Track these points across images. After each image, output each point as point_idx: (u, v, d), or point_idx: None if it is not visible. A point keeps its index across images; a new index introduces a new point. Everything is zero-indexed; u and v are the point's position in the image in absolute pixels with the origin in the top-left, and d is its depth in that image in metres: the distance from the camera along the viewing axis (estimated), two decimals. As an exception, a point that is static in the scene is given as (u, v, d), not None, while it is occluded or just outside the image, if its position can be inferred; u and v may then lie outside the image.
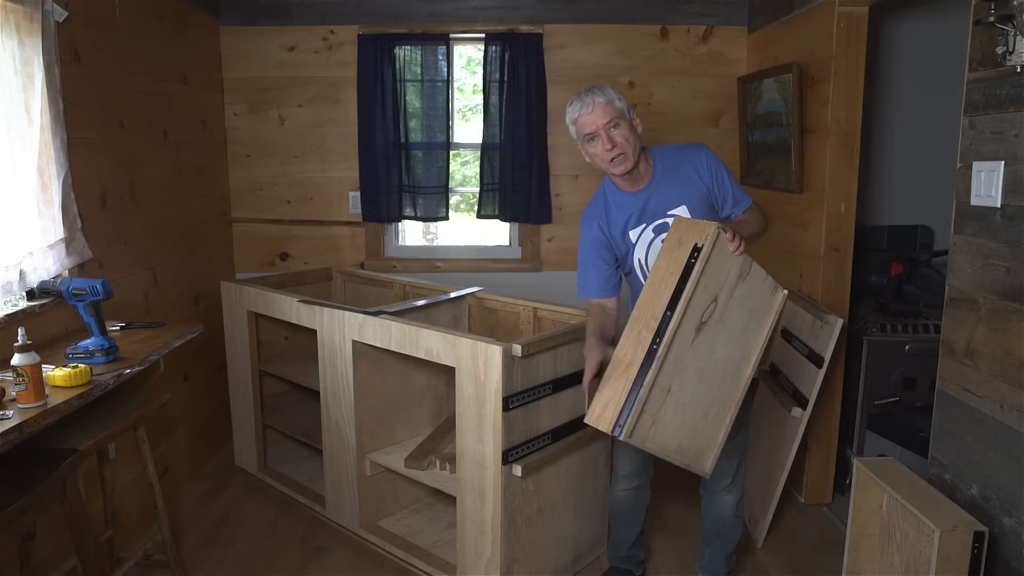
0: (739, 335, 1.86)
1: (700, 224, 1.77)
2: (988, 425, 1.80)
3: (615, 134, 2.01)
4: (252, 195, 3.85)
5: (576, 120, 2.04)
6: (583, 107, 2.01)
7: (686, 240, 1.75)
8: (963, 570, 1.69)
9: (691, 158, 2.13)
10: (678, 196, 2.12)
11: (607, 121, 2.00)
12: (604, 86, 2.05)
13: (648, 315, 1.75)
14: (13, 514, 1.59)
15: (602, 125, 2.00)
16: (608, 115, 2.00)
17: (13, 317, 2.10)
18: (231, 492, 3.20)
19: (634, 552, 2.52)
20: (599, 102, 2.00)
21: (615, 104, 2.02)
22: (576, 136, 2.08)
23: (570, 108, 2.05)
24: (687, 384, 1.78)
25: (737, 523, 2.36)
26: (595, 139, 2.02)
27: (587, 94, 2.03)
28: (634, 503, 2.43)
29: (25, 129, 2.15)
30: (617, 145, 2.01)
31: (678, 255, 1.74)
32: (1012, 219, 1.72)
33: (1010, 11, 1.69)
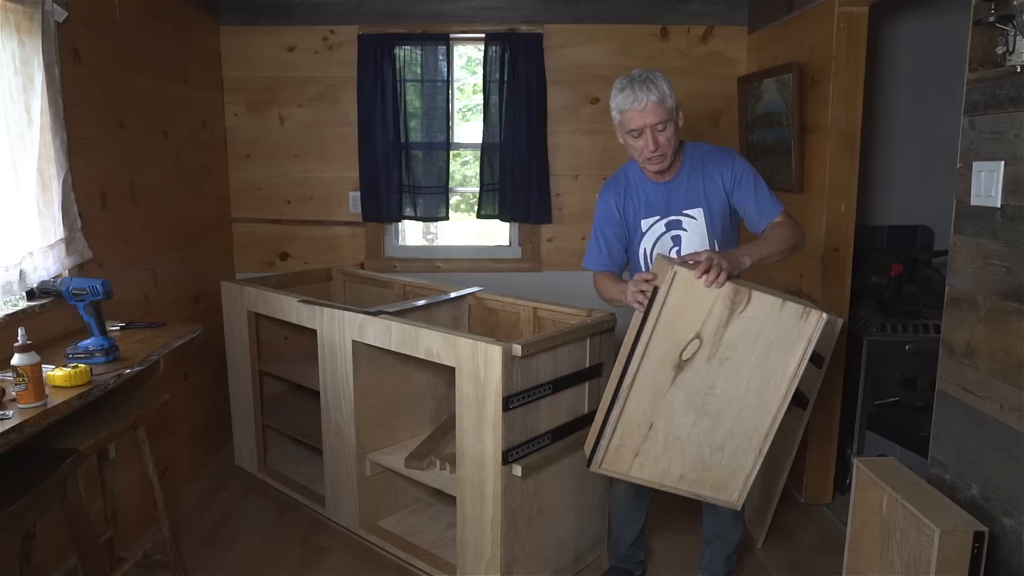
0: (758, 367, 1.78)
1: (664, 265, 1.75)
2: (988, 425, 1.80)
3: (660, 136, 1.98)
4: (252, 195, 3.85)
5: (624, 111, 1.99)
6: (635, 102, 1.96)
7: (659, 281, 1.75)
8: (963, 570, 1.69)
9: (719, 162, 2.11)
10: (697, 197, 2.11)
11: (656, 122, 1.96)
12: (657, 77, 1.97)
13: (624, 351, 1.79)
14: (13, 514, 1.58)
15: (650, 125, 1.96)
16: (658, 116, 1.96)
17: (13, 317, 2.11)
18: (231, 492, 3.20)
19: (634, 551, 2.52)
20: (652, 101, 1.95)
21: (666, 104, 1.97)
22: (616, 123, 2.05)
23: (620, 95, 1.99)
24: (678, 420, 1.81)
25: (737, 524, 2.36)
26: (639, 136, 1.99)
27: (641, 88, 1.95)
28: (635, 502, 2.43)
29: (25, 129, 2.15)
30: (660, 147, 1.99)
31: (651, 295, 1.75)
32: (1012, 219, 1.72)
33: (1010, 11, 1.69)
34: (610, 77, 3.69)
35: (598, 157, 3.80)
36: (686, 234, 2.14)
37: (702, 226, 2.13)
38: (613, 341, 2.58)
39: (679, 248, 2.15)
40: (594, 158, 3.80)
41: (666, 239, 2.15)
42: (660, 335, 1.73)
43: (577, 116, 3.77)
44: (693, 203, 2.12)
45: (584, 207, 3.83)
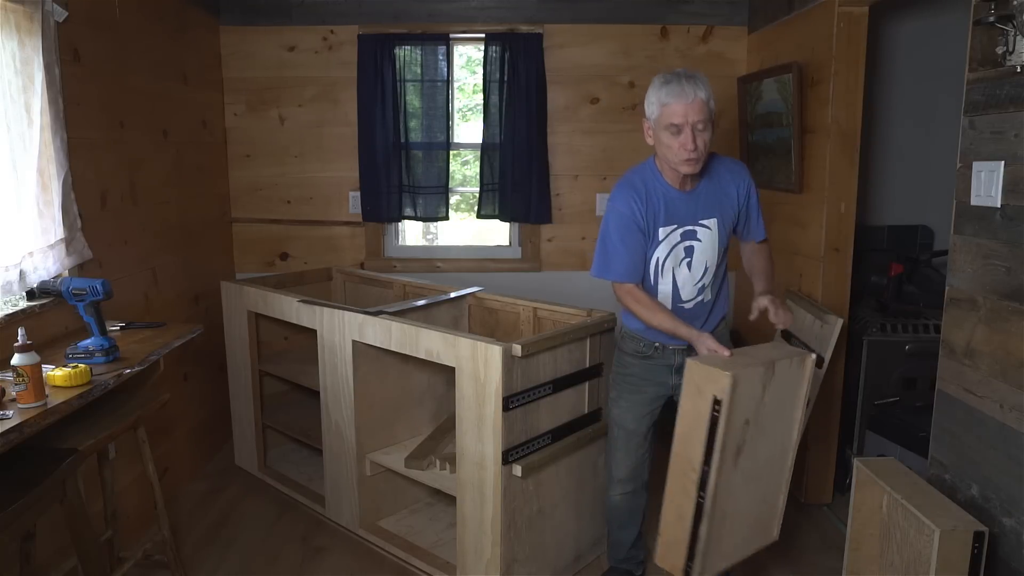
0: (780, 418, 1.88)
1: (714, 373, 1.72)
2: (988, 425, 1.80)
3: (700, 137, 1.93)
4: (252, 195, 3.85)
5: (667, 104, 1.92)
6: (682, 95, 1.90)
7: (704, 389, 1.72)
8: (963, 570, 1.69)
9: (735, 177, 2.13)
10: (713, 208, 2.10)
11: (699, 120, 1.92)
12: (701, 77, 1.94)
13: (687, 466, 1.77)
14: (13, 514, 1.58)
15: (693, 122, 1.91)
16: (703, 114, 1.92)
17: (13, 317, 2.10)
18: (231, 492, 3.20)
19: (634, 553, 2.51)
20: (700, 98, 1.90)
21: (710, 104, 1.93)
22: (654, 117, 1.97)
23: (664, 87, 1.93)
24: (739, 496, 1.84)
25: None
26: (679, 132, 1.92)
27: (688, 83, 1.90)
28: (630, 507, 2.42)
29: (25, 129, 2.15)
30: (698, 148, 1.93)
31: (700, 405, 1.72)
32: (1012, 219, 1.72)
33: (1010, 11, 1.69)
34: (610, 77, 3.75)
35: (598, 157, 3.80)
36: (699, 244, 2.12)
37: (715, 236, 2.11)
38: (613, 341, 2.58)
39: (690, 259, 2.12)
40: (594, 158, 3.80)
41: (679, 249, 2.11)
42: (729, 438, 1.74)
43: (577, 116, 3.77)
44: (710, 213, 2.09)
45: (584, 207, 3.84)
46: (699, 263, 2.12)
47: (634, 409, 2.28)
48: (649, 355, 2.23)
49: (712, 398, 1.70)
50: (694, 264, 2.12)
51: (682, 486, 1.79)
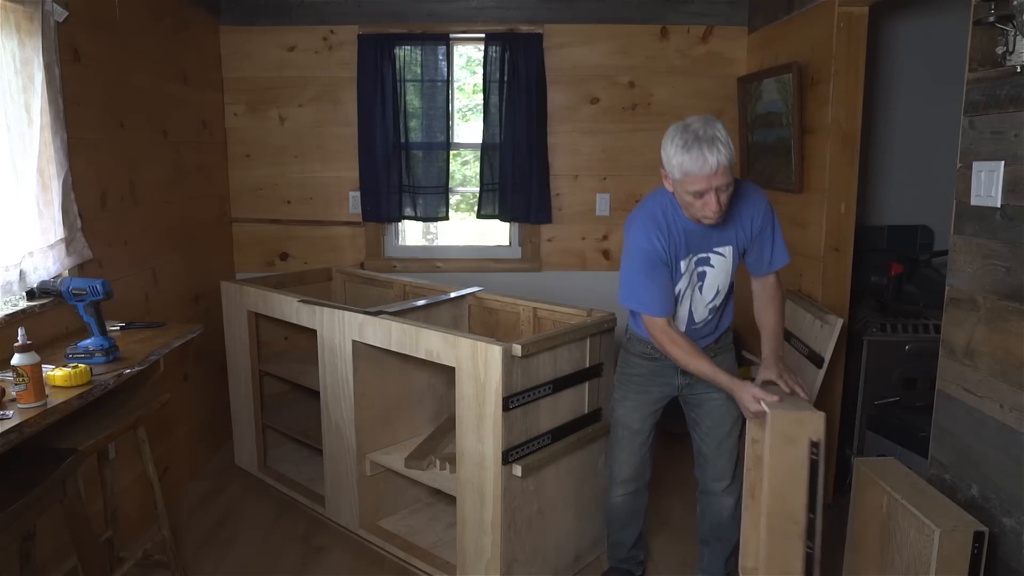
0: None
1: (805, 417, 1.70)
2: (988, 425, 1.80)
3: (724, 195, 1.89)
4: (252, 195, 3.85)
5: (688, 172, 1.85)
6: (704, 165, 1.82)
7: (796, 436, 1.71)
8: (963, 570, 1.69)
9: (751, 204, 2.06)
10: (729, 237, 2.07)
11: (723, 183, 1.86)
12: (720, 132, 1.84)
13: (788, 520, 1.74)
14: (13, 514, 1.58)
15: (716, 187, 1.86)
16: (725, 179, 1.86)
17: (13, 317, 2.10)
18: (231, 492, 3.20)
19: (634, 553, 2.52)
20: (723, 165, 1.83)
21: (731, 161, 1.86)
22: (673, 177, 1.92)
23: (684, 156, 1.84)
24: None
25: (734, 525, 2.35)
26: (701, 196, 1.88)
27: (709, 150, 1.81)
28: (632, 508, 2.42)
29: (25, 129, 2.15)
30: (722, 207, 1.90)
31: (793, 453, 1.71)
32: (1012, 219, 1.72)
33: (1010, 11, 1.69)
34: (610, 77, 3.75)
35: (598, 157, 3.80)
36: (712, 270, 2.11)
37: (728, 263, 2.10)
38: (613, 341, 2.58)
39: (702, 283, 2.11)
40: (594, 158, 3.81)
41: (693, 275, 2.11)
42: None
43: (577, 116, 3.77)
44: (725, 241, 2.07)
45: (584, 207, 3.84)
46: (711, 287, 2.13)
47: (640, 409, 2.29)
48: (656, 357, 2.22)
49: (808, 442, 1.69)
50: (705, 288, 2.12)
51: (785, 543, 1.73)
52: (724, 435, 2.24)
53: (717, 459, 2.27)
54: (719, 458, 2.26)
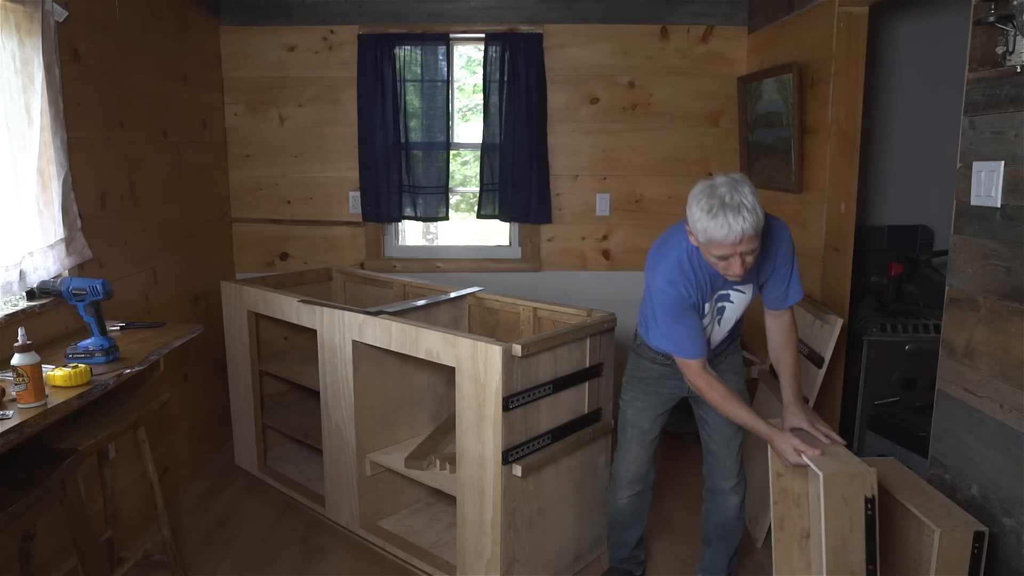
0: None
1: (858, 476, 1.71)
2: (988, 425, 1.80)
3: (749, 259, 1.84)
4: (252, 195, 3.84)
5: (712, 239, 1.80)
6: (729, 233, 1.76)
7: (850, 495, 1.72)
8: (963, 570, 1.69)
9: (776, 241, 2.00)
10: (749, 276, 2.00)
11: (749, 249, 1.82)
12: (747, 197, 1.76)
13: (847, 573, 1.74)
14: (13, 514, 1.58)
15: (741, 252, 1.82)
16: (751, 245, 1.81)
17: (13, 317, 2.10)
18: (231, 492, 3.20)
19: (635, 553, 2.52)
20: (748, 233, 1.77)
21: (760, 226, 1.79)
22: (698, 239, 1.86)
23: (709, 221, 1.78)
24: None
25: (739, 525, 2.36)
26: (726, 259, 1.84)
27: (735, 218, 1.75)
28: (636, 508, 2.42)
29: (25, 129, 2.15)
30: (746, 268, 1.85)
31: (848, 512, 1.71)
32: (1012, 219, 1.72)
33: (1010, 11, 1.70)
34: (610, 77, 3.75)
35: (598, 157, 3.80)
36: (731, 305, 2.10)
37: (747, 297, 2.10)
38: (613, 341, 2.58)
39: (721, 316, 2.11)
40: (594, 158, 3.81)
41: (714, 311, 2.11)
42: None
43: (577, 116, 3.77)
44: (747, 279, 2.04)
45: (584, 207, 3.84)
46: (729, 319, 2.14)
47: (651, 409, 2.30)
48: (668, 363, 2.22)
49: (864, 500, 1.70)
50: (724, 320, 2.13)
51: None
52: (732, 434, 2.25)
53: (726, 457, 2.27)
54: (728, 456, 2.26)
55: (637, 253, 3.88)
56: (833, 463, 1.76)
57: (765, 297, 2.11)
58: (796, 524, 1.98)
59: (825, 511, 1.72)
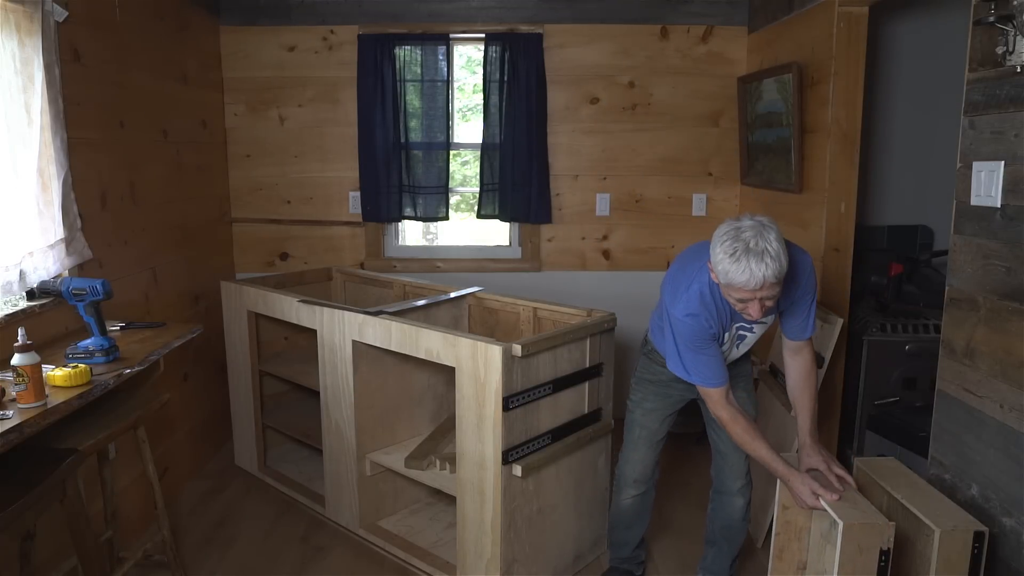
0: None
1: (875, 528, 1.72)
2: (988, 425, 1.80)
3: (769, 303, 1.84)
4: (252, 195, 3.85)
5: (732, 283, 1.79)
6: (750, 279, 1.75)
7: (867, 545, 1.72)
8: (963, 570, 1.69)
9: (799, 273, 1.97)
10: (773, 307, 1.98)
11: (769, 295, 1.82)
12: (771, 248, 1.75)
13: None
14: (13, 514, 1.58)
15: (761, 297, 1.81)
16: (771, 291, 1.81)
17: (13, 317, 2.10)
18: (231, 492, 3.20)
19: (636, 553, 2.52)
20: (769, 281, 1.76)
21: (782, 273, 1.78)
22: (719, 280, 1.85)
23: (732, 264, 1.76)
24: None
25: (744, 527, 2.36)
26: (745, 301, 1.84)
27: (757, 264, 1.73)
28: (639, 509, 2.43)
29: (25, 129, 2.15)
30: (763, 312, 1.85)
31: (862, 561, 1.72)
32: (1012, 219, 1.72)
33: (1010, 11, 1.69)
34: (610, 77, 3.75)
35: (598, 157, 3.81)
36: (751, 335, 2.13)
37: (767, 325, 2.12)
38: (613, 341, 2.58)
39: (740, 343, 2.14)
40: (594, 158, 3.81)
41: (734, 338, 2.12)
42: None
43: (577, 116, 3.77)
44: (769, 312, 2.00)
45: (584, 207, 3.84)
46: (747, 343, 2.17)
47: (660, 410, 2.31)
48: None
49: (878, 551, 1.71)
50: (743, 345, 2.17)
51: None
52: None
53: (735, 458, 2.27)
54: (737, 457, 2.27)
55: (637, 253, 3.88)
56: (852, 511, 1.78)
57: (783, 326, 2.09)
58: (795, 557, 2.01)
59: (840, 558, 1.74)
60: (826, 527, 1.87)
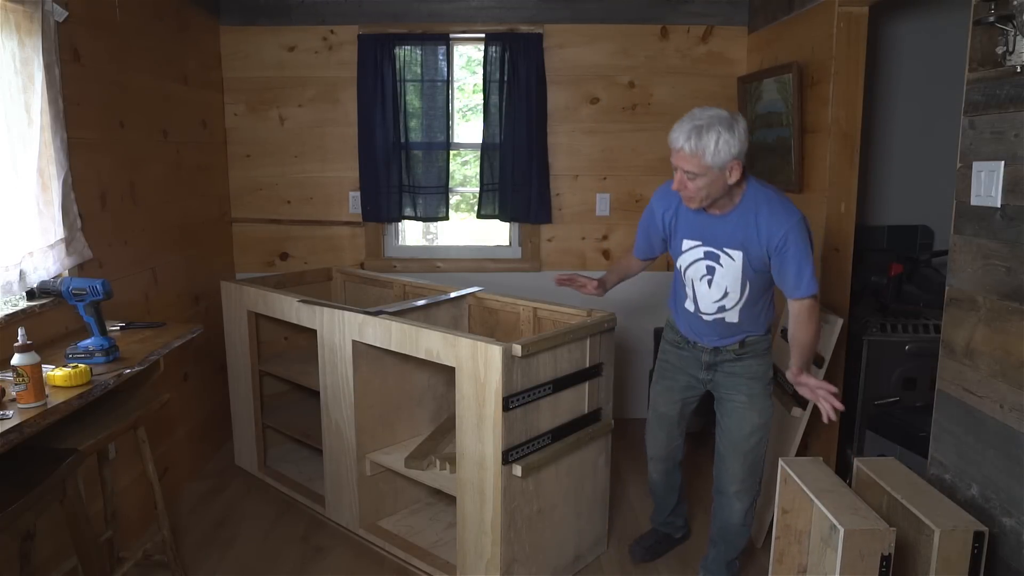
0: None
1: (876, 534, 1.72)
2: (988, 425, 1.80)
3: (689, 184, 2.02)
4: (252, 195, 3.85)
5: (669, 144, 2.03)
6: (673, 141, 1.99)
7: (868, 551, 1.73)
8: (963, 570, 1.69)
9: (773, 224, 2.06)
10: (739, 240, 2.12)
11: (687, 169, 1.99)
12: (712, 130, 1.94)
13: None
14: (13, 514, 1.59)
15: (681, 167, 2.00)
16: (687, 165, 1.98)
17: (13, 317, 2.10)
18: (231, 492, 3.20)
19: (672, 519, 2.67)
20: (684, 151, 1.96)
21: (703, 160, 1.95)
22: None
23: (674, 130, 2.00)
24: None
25: (744, 531, 2.37)
26: (676, 170, 2.04)
27: (682, 131, 1.96)
28: (666, 483, 2.60)
29: (25, 129, 2.15)
30: (687, 191, 2.04)
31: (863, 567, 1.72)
32: (1012, 219, 1.72)
33: (1010, 11, 1.69)
34: (610, 77, 3.75)
35: (598, 157, 3.80)
36: (721, 270, 2.17)
37: (738, 268, 2.15)
38: (613, 341, 2.58)
39: (711, 278, 2.19)
40: (594, 158, 3.81)
41: (700, 266, 2.20)
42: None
43: (577, 116, 3.77)
44: (734, 244, 2.12)
45: (584, 207, 3.84)
46: (719, 286, 2.19)
47: (665, 395, 2.44)
48: (682, 346, 2.37)
49: (879, 557, 1.71)
50: (714, 284, 2.19)
51: None
52: (741, 439, 2.29)
53: (731, 461, 2.31)
54: (733, 461, 2.30)
55: (637, 253, 3.88)
56: (853, 517, 1.78)
57: (778, 284, 2.16)
58: (795, 560, 2.02)
59: (841, 564, 1.74)
60: (826, 531, 1.88)
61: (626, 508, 3.07)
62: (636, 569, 2.64)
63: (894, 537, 1.70)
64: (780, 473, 1.99)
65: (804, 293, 2.09)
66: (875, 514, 1.78)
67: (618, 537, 2.82)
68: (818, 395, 2.05)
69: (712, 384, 2.33)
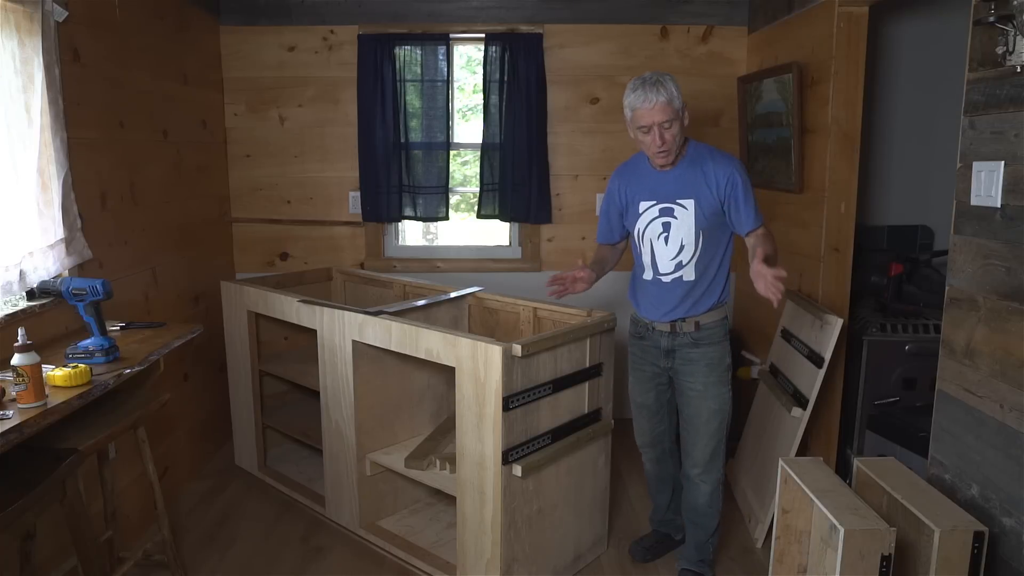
0: None
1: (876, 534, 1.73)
2: (988, 425, 1.80)
3: (667, 133, 2.17)
4: (252, 195, 3.85)
5: (635, 109, 2.17)
6: (645, 101, 2.13)
7: (868, 551, 1.73)
8: (963, 570, 1.69)
9: (718, 168, 2.25)
10: (689, 190, 2.26)
11: (663, 120, 2.14)
12: (666, 80, 2.15)
13: None
14: (13, 514, 1.59)
15: (658, 123, 2.15)
16: (666, 115, 2.14)
17: (13, 317, 2.11)
18: (231, 492, 3.20)
19: (671, 517, 2.66)
20: (661, 102, 2.13)
21: (674, 104, 2.15)
22: (628, 119, 2.22)
23: (632, 95, 2.17)
24: None
25: (711, 513, 2.44)
26: (648, 132, 2.17)
27: (651, 89, 2.13)
28: (658, 473, 2.63)
29: (25, 129, 2.15)
30: (666, 143, 2.18)
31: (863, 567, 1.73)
32: (1012, 219, 1.72)
33: (1010, 11, 1.69)
34: (610, 77, 3.75)
35: (598, 157, 3.80)
36: (676, 221, 2.28)
37: (691, 217, 2.27)
38: (613, 341, 2.58)
39: (667, 234, 2.30)
40: (594, 158, 3.81)
41: (657, 224, 2.31)
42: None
43: (577, 116, 3.77)
44: (686, 194, 2.26)
45: (584, 207, 3.84)
46: (675, 239, 2.28)
47: (637, 385, 2.52)
48: (642, 335, 2.44)
49: (879, 557, 1.72)
50: (670, 239, 2.29)
51: None
52: (701, 424, 2.36)
53: (691, 446, 2.40)
54: (694, 446, 2.39)
55: (637, 253, 3.88)
56: (853, 517, 1.78)
57: (734, 227, 2.29)
58: (795, 560, 2.03)
59: (841, 565, 1.74)
60: (827, 531, 1.88)
61: (626, 508, 3.07)
62: (636, 569, 2.64)
63: (894, 537, 1.70)
64: (780, 473, 2.00)
65: (758, 223, 2.25)
66: (875, 514, 1.79)
67: (618, 537, 2.82)
68: (768, 281, 2.05)
69: (672, 371, 2.40)
